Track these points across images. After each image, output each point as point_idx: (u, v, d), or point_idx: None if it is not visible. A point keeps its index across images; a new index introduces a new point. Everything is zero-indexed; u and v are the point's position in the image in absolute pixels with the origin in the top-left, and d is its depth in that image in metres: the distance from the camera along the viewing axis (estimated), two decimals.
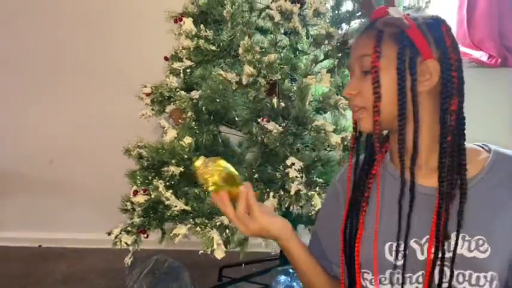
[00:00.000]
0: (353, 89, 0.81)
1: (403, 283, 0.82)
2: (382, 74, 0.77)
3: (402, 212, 0.82)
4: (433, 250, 0.79)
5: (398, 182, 0.82)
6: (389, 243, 0.83)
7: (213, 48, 1.66)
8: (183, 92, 1.68)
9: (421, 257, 0.81)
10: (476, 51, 2.43)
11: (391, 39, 0.78)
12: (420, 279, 0.81)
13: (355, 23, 1.77)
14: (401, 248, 0.82)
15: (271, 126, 1.49)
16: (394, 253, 0.82)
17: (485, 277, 0.77)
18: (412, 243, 0.82)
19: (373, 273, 0.84)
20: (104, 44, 2.66)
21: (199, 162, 0.83)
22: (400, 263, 0.82)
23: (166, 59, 1.84)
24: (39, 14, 2.69)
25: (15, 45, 2.73)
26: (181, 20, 1.73)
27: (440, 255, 0.78)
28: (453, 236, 0.78)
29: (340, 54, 1.70)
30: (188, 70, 1.74)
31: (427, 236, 0.81)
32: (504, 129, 2.38)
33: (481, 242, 0.77)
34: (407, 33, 0.77)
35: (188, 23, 1.69)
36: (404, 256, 0.82)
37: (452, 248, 0.78)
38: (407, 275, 0.82)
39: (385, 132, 0.90)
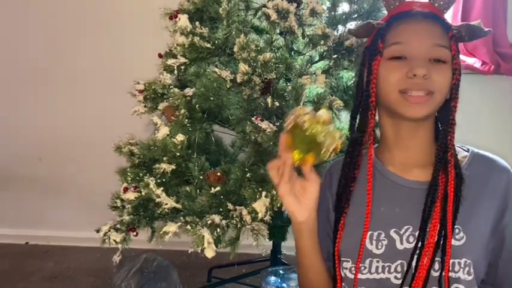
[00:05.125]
0: (427, 71, 0.81)
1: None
2: (450, 69, 0.83)
3: (385, 203, 0.88)
4: (439, 237, 0.82)
5: (383, 177, 0.90)
6: (370, 232, 0.88)
7: (208, 45, 1.64)
8: (176, 89, 1.66)
9: (400, 246, 0.86)
10: (469, 58, 2.45)
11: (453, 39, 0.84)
12: (399, 268, 0.86)
13: (351, 25, 1.77)
14: (382, 237, 0.87)
15: (264, 125, 1.47)
16: (374, 242, 0.87)
17: (459, 263, 0.81)
18: (392, 233, 0.87)
19: (353, 261, 0.89)
20: (95, 40, 2.64)
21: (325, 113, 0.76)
22: (380, 251, 0.87)
23: (160, 55, 1.83)
24: (29, 11, 2.66)
25: (5, 44, 2.70)
26: (176, 16, 1.71)
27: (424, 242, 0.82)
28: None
29: (335, 56, 1.69)
30: (182, 67, 1.71)
31: (406, 226, 0.86)
32: (497, 135, 2.40)
33: (457, 230, 0.82)
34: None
35: (183, 20, 1.67)
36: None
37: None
38: (386, 264, 0.86)
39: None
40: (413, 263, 0.83)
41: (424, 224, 0.83)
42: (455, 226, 0.82)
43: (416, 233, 0.84)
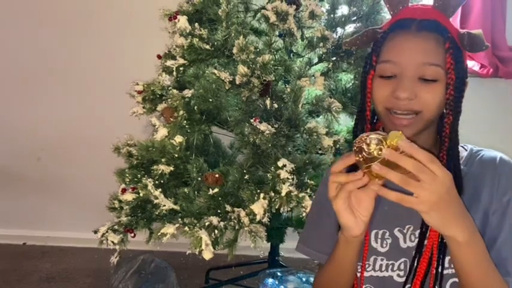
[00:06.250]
0: (411, 92, 0.79)
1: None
2: (442, 86, 0.80)
3: (388, 202, 0.83)
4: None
5: None
6: (375, 230, 0.90)
7: (207, 47, 1.65)
8: (175, 91, 1.66)
9: (403, 245, 0.88)
10: (468, 61, 2.44)
11: (449, 51, 0.80)
12: (402, 266, 0.88)
13: (350, 28, 1.77)
14: (387, 235, 0.88)
15: (263, 126, 1.48)
16: (379, 240, 0.89)
17: None
18: (396, 231, 0.89)
19: (359, 259, 0.89)
20: (94, 41, 2.63)
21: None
22: (384, 250, 0.88)
23: (159, 57, 1.83)
24: (28, 11, 2.66)
25: (3, 43, 2.69)
26: (175, 18, 1.71)
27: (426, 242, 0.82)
28: None
29: (334, 58, 1.70)
30: (181, 68, 1.72)
31: (408, 226, 0.88)
32: (495, 138, 2.39)
33: None
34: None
35: (183, 21, 1.67)
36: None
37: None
38: (390, 262, 0.88)
39: None
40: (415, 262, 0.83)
41: (423, 226, 0.83)
42: None
43: (417, 232, 0.85)
